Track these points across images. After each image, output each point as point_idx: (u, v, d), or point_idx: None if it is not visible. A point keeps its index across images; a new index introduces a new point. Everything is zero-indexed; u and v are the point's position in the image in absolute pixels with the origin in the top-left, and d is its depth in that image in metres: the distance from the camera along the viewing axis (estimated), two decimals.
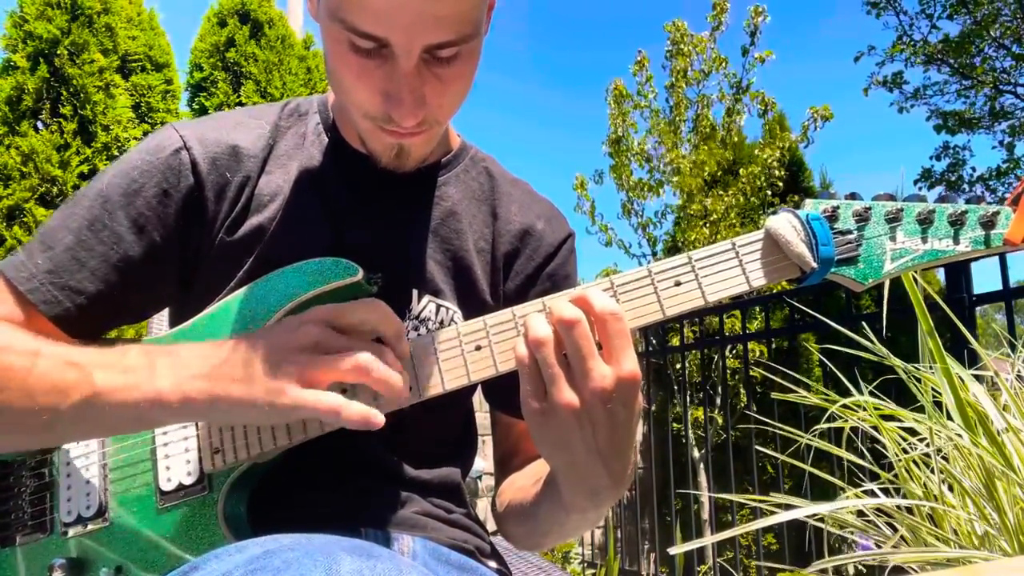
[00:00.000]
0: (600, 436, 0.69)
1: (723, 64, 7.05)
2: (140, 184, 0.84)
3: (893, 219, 0.75)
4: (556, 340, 0.67)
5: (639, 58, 7.31)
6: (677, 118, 7.13)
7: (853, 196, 0.77)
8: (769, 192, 6.67)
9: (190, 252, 0.88)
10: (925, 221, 0.75)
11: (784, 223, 0.74)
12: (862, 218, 0.75)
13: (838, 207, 0.76)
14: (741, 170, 6.75)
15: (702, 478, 5.33)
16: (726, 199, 6.62)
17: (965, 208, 0.75)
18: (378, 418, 0.69)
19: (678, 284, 0.74)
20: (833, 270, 0.75)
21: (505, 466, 1.04)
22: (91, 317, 0.83)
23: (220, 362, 0.71)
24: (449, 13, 0.69)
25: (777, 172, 6.60)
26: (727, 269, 0.74)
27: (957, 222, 0.75)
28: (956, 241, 0.75)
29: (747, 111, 7.08)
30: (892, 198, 0.77)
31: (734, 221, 6.65)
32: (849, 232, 0.75)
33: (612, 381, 0.66)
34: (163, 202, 0.85)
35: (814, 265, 0.73)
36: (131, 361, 0.73)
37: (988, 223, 0.75)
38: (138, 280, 0.85)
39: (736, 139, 7.10)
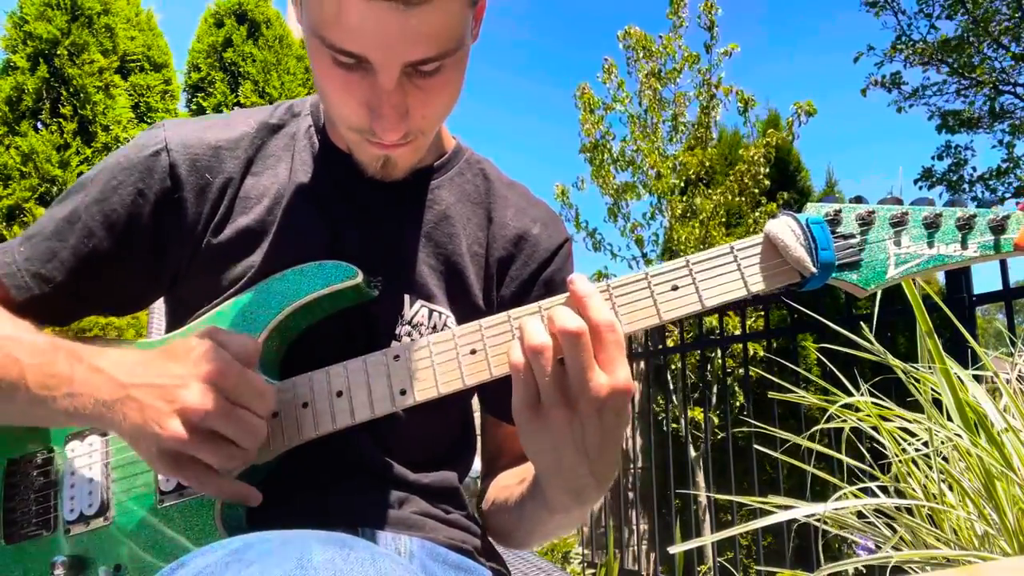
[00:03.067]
0: (589, 441, 0.70)
1: (695, 60, 7.07)
2: (118, 182, 0.87)
3: (898, 223, 0.73)
4: (554, 346, 0.68)
5: (606, 66, 7.35)
6: (654, 119, 7.14)
7: (858, 199, 0.76)
8: (756, 191, 6.68)
9: (171, 255, 0.89)
10: (932, 225, 0.73)
11: (783, 227, 0.73)
12: (866, 222, 0.74)
13: (840, 210, 0.74)
14: (730, 169, 6.78)
15: (700, 478, 5.34)
16: (715, 197, 6.64)
17: (974, 212, 0.73)
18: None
19: (675, 289, 0.73)
20: (834, 275, 0.73)
21: (492, 466, 1.05)
22: (57, 304, 0.87)
23: (121, 389, 0.74)
24: (428, 29, 0.69)
25: (763, 170, 6.62)
26: (725, 274, 0.74)
27: (966, 226, 0.73)
28: (964, 246, 0.73)
29: (723, 106, 7.09)
30: (899, 201, 0.75)
31: (724, 219, 6.68)
32: (851, 236, 0.74)
33: (607, 391, 0.67)
34: (136, 202, 0.87)
35: (813, 270, 0.72)
36: (57, 368, 0.76)
37: (998, 227, 0.72)
38: (105, 274, 0.88)
39: (710, 136, 7.11)
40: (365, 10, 0.66)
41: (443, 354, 0.76)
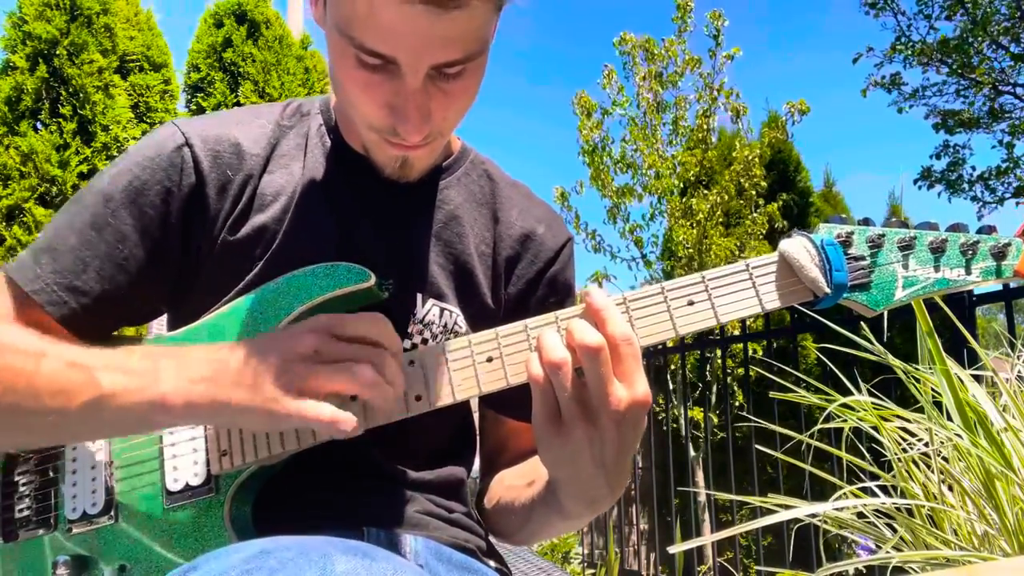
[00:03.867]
0: (608, 453, 0.70)
1: (697, 64, 7.11)
2: (143, 182, 0.84)
3: (906, 247, 0.76)
4: (573, 360, 0.68)
5: (606, 72, 7.40)
6: (653, 121, 7.16)
7: (866, 221, 0.77)
8: (753, 192, 6.71)
9: (191, 251, 0.88)
10: (938, 250, 0.76)
11: (798, 247, 0.74)
12: (875, 245, 0.76)
13: (852, 232, 0.76)
14: (725, 170, 6.82)
15: (699, 478, 5.34)
16: (711, 198, 6.66)
17: (977, 238, 0.76)
18: (349, 424, 0.70)
19: (691, 304, 0.74)
20: (845, 295, 0.75)
21: (493, 462, 1.05)
22: (97, 317, 0.83)
23: (223, 367, 0.72)
24: (457, 33, 0.69)
25: (756, 171, 6.65)
26: (740, 291, 0.75)
27: (969, 252, 0.76)
28: (968, 271, 0.76)
29: (724, 108, 7.14)
30: (905, 225, 0.77)
31: (721, 220, 6.71)
32: (862, 258, 0.76)
33: (627, 404, 0.68)
34: (166, 200, 0.85)
35: (827, 290, 0.74)
36: (135, 364, 0.74)
37: (999, 254, 0.75)
38: (142, 279, 0.85)
39: (710, 139, 7.15)
40: (398, 12, 0.66)
41: (459, 361, 0.76)
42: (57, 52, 3.88)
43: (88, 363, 0.74)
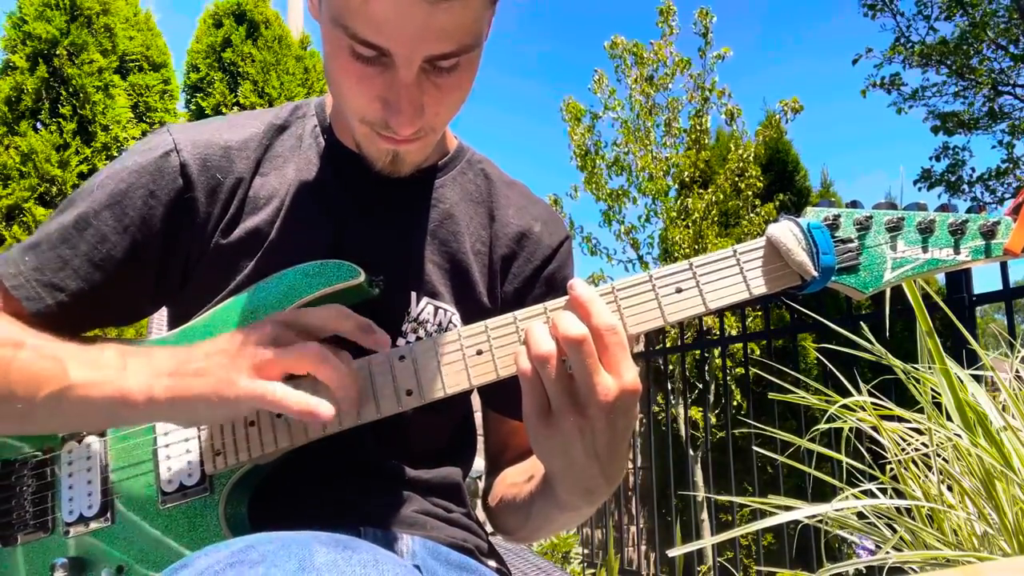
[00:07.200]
0: (599, 443, 0.70)
1: (687, 65, 7.13)
2: (128, 184, 0.86)
3: (894, 228, 0.75)
4: (559, 352, 0.68)
5: (596, 77, 7.46)
6: (647, 123, 7.20)
7: (854, 204, 0.77)
8: (750, 193, 6.73)
9: (179, 254, 0.88)
10: (926, 230, 0.75)
11: (785, 231, 0.74)
12: (863, 227, 0.75)
13: (839, 215, 0.75)
14: (720, 168, 6.85)
15: (699, 478, 5.34)
16: (706, 196, 6.67)
17: (966, 218, 0.75)
18: (323, 409, 0.69)
19: (679, 291, 0.74)
20: (834, 279, 0.75)
21: (496, 461, 1.05)
22: (73, 314, 0.84)
23: (184, 360, 0.74)
24: (452, 25, 0.69)
25: (754, 171, 6.67)
26: (728, 277, 0.74)
27: (957, 231, 0.75)
28: (957, 251, 0.75)
29: (716, 109, 7.19)
30: (893, 206, 0.76)
31: (717, 219, 6.72)
32: (850, 241, 0.75)
33: (615, 393, 0.68)
34: (148, 203, 0.86)
35: (815, 274, 0.73)
36: (105, 358, 0.76)
37: (988, 233, 0.75)
38: (120, 279, 0.86)
39: (704, 140, 7.17)
40: (393, 2, 0.66)
41: (449, 355, 0.76)
42: (57, 52, 3.88)
43: (61, 355, 0.76)
